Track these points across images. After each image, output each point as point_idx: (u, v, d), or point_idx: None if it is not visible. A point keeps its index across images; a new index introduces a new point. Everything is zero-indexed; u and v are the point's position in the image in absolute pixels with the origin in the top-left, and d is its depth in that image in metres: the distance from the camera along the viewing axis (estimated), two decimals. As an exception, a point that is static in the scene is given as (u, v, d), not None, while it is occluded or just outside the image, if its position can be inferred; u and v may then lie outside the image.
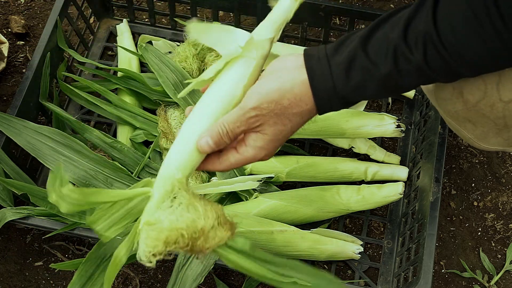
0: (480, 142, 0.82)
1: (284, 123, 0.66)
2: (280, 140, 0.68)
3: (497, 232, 1.10)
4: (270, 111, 0.65)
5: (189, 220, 0.59)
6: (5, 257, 1.07)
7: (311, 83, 0.65)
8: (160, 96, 1.11)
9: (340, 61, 0.64)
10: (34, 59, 1.06)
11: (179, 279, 0.88)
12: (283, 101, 0.65)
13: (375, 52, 0.63)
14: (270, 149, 0.68)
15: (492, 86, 0.70)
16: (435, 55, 0.60)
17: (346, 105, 0.68)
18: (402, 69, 0.63)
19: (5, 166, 0.97)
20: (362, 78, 0.64)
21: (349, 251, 1.00)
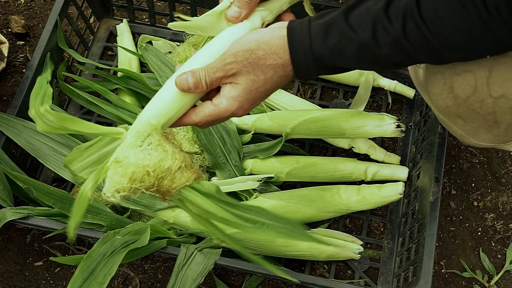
0: (470, 138, 0.82)
1: (256, 74, 0.68)
2: (252, 93, 0.69)
3: (497, 232, 1.10)
4: (244, 59, 0.67)
5: (156, 159, 0.60)
6: (5, 257, 1.07)
7: (288, 38, 0.67)
8: (160, 96, 1.11)
9: (320, 23, 0.67)
10: (34, 59, 1.06)
11: (179, 279, 0.88)
12: (258, 51, 0.67)
13: (355, 21, 0.65)
14: (242, 102, 0.69)
15: (482, 82, 0.71)
16: (414, 29, 0.61)
17: (322, 70, 0.69)
18: (380, 38, 0.64)
19: (5, 166, 0.97)
20: (339, 41, 0.66)
21: (349, 251, 1.00)
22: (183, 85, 0.67)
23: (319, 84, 1.22)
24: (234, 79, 0.68)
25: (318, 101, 1.20)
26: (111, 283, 1.04)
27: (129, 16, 1.27)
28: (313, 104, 1.15)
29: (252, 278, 1.03)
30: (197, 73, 0.67)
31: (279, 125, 1.06)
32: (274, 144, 1.07)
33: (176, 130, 1.07)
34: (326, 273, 1.05)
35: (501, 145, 0.83)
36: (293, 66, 0.68)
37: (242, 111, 0.70)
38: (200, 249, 0.92)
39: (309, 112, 1.06)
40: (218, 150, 1.05)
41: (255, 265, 0.92)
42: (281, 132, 1.06)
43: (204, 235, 0.97)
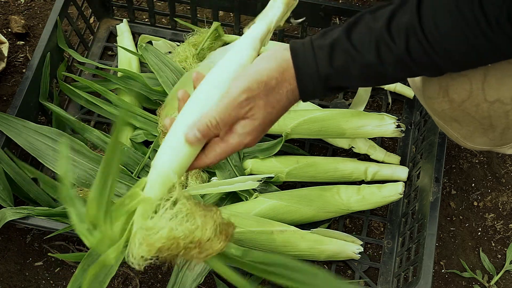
0: (466, 141, 0.82)
1: (273, 105, 0.66)
2: (267, 125, 0.67)
3: (497, 232, 1.10)
4: (260, 92, 0.64)
5: (187, 230, 0.57)
6: (5, 257, 1.07)
7: (294, 62, 0.65)
8: (160, 96, 1.11)
9: (324, 44, 0.65)
10: (34, 59, 1.06)
11: (179, 279, 0.88)
12: (271, 81, 0.65)
13: (358, 40, 0.64)
14: (256, 135, 0.67)
15: (478, 86, 0.71)
16: (417, 46, 0.61)
17: (329, 91, 0.68)
18: (384, 58, 0.63)
19: (5, 166, 0.97)
20: (344, 61, 0.65)
21: (349, 251, 1.00)
22: (191, 140, 0.64)
23: (319, 84, 1.22)
24: (250, 113, 0.65)
25: (318, 101, 1.20)
26: (111, 283, 1.04)
27: (129, 16, 1.27)
28: (313, 104, 1.15)
29: (252, 278, 1.03)
30: (204, 122, 0.63)
31: (279, 125, 1.05)
32: (274, 144, 1.07)
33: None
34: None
35: (497, 148, 0.83)
36: (299, 90, 0.67)
37: (254, 143, 0.68)
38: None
39: (309, 112, 1.06)
40: (218, 150, 1.05)
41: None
42: (281, 132, 1.06)
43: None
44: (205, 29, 1.18)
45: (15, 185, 0.99)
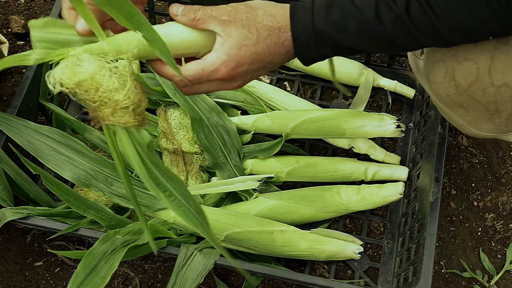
0: (471, 128, 0.81)
1: (250, 30, 0.65)
2: (242, 49, 0.65)
3: (497, 232, 1.10)
4: (243, 12, 0.65)
5: (111, 86, 0.59)
6: (5, 257, 1.07)
7: (291, 9, 0.66)
8: (160, 96, 1.11)
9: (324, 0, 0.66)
10: (34, 59, 1.06)
11: (179, 279, 0.88)
12: (258, 10, 0.66)
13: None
14: (230, 56, 0.65)
15: (484, 70, 0.70)
16: (418, 9, 0.61)
17: (322, 47, 0.67)
18: (383, 16, 0.63)
19: (5, 166, 0.97)
20: (341, 16, 0.65)
21: (349, 251, 1.00)
22: (173, 8, 0.65)
23: (319, 84, 1.22)
24: (226, 28, 0.65)
25: (318, 101, 1.20)
26: (111, 283, 1.04)
27: (129, 16, 1.27)
28: (313, 104, 1.15)
29: (252, 278, 1.03)
30: (189, 6, 0.65)
31: (279, 125, 1.06)
32: (274, 144, 1.07)
33: (176, 130, 1.07)
34: (326, 273, 1.05)
35: (502, 135, 0.82)
36: (293, 39, 0.66)
37: (228, 69, 0.66)
38: (200, 249, 0.92)
39: (309, 112, 1.06)
40: (218, 150, 1.05)
41: (255, 265, 0.92)
42: (281, 132, 1.06)
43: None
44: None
45: (15, 185, 0.99)
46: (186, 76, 0.66)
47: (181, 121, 1.07)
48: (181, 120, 1.08)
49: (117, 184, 0.99)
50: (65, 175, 0.97)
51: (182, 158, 1.06)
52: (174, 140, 1.06)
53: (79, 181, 0.97)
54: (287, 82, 1.24)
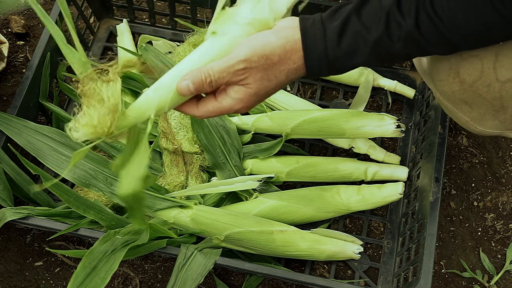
0: (476, 125, 0.81)
1: (269, 79, 0.66)
2: (261, 96, 0.68)
3: (497, 232, 1.10)
4: (259, 65, 0.65)
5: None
6: (5, 257, 1.07)
7: (303, 43, 0.66)
8: (160, 96, 1.11)
9: (334, 26, 0.66)
10: (34, 59, 1.06)
11: (179, 279, 0.88)
12: (273, 57, 0.65)
13: (368, 17, 0.64)
14: (249, 103, 0.68)
15: (489, 66, 0.70)
16: (427, 21, 0.61)
17: (334, 71, 0.68)
18: (393, 34, 0.63)
19: (5, 166, 0.97)
20: (354, 42, 0.65)
21: (349, 251, 1.00)
22: (183, 91, 0.65)
23: (319, 84, 1.22)
24: (245, 82, 0.66)
25: (318, 101, 1.20)
26: (111, 283, 1.04)
27: (129, 16, 1.27)
28: (313, 104, 1.15)
29: (252, 278, 1.03)
30: (199, 78, 0.65)
31: (279, 125, 1.06)
32: (274, 144, 1.07)
33: (176, 130, 1.07)
34: (326, 273, 1.05)
35: (507, 132, 0.82)
36: (306, 69, 0.67)
37: (246, 110, 0.69)
38: (200, 249, 0.92)
39: (309, 112, 1.06)
40: (218, 150, 1.05)
41: (255, 265, 0.92)
42: (281, 132, 1.06)
43: (204, 235, 0.97)
44: (205, 29, 1.18)
45: (15, 185, 0.99)
46: (203, 115, 0.69)
47: (181, 121, 1.07)
48: (181, 120, 1.08)
49: (117, 184, 0.99)
50: (65, 175, 0.97)
51: (182, 158, 1.06)
52: (174, 140, 1.06)
53: (79, 181, 0.97)
54: (287, 82, 1.24)
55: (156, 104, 0.65)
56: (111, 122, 0.61)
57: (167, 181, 1.03)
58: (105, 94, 0.61)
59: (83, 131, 0.61)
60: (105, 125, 0.61)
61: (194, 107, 0.69)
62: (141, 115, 0.65)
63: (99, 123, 0.61)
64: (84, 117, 0.61)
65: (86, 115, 0.61)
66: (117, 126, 0.62)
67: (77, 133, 0.61)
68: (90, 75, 0.62)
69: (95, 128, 0.61)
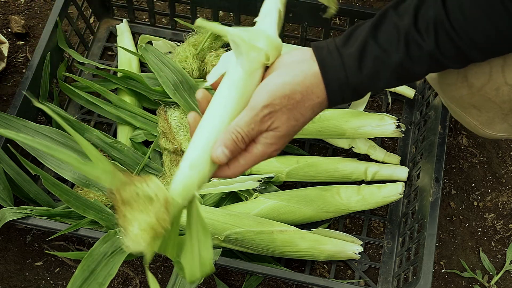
0: (485, 128, 0.80)
1: (296, 118, 0.64)
2: (291, 136, 0.66)
3: (497, 232, 1.10)
4: (283, 106, 0.62)
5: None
6: (5, 257, 1.07)
7: (323, 75, 0.63)
8: (160, 96, 1.11)
9: (352, 52, 0.63)
10: (34, 59, 1.06)
11: (179, 279, 0.88)
12: (295, 95, 0.62)
13: (386, 41, 0.62)
14: (280, 145, 0.65)
15: (497, 69, 0.70)
16: (447, 41, 0.60)
17: (357, 97, 0.67)
18: (414, 56, 0.62)
19: (5, 166, 0.97)
20: (374, 67, 0.63)
21: (349, 251, 1.00)
22: (221, 159, 0.62)
23: (319, 84, 1.22)
24: (273, 126, 0.63)
25: (318, 101, 1.20)
26: (111, 283, 1.04)
27: (129, 16, 1.27)
28: (313, 104, 1.15)
29: (252, 278, 1.03)
30: (230, 139, 0.61)
31: (279, 125, 1.06)
32: (274, 144, 1.07)
33: (176, 130, 1.07)
34: (326, 273, 1.05)
35: None
36: (329, 101, 0.65)
37: (277, 152, 0.66)
38: (200, 249, 0.92)
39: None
40: (218, 150, 1.05)
41: (255, 265, 0.92)
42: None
43: (204, 235, 0.97)
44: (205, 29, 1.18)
45: (15, 185, 0.99)
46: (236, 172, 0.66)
47: (181, 121, 1.07)
48: (181, 120, 1.08)
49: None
50: (65, 175, 0.97)
51: (182, 158, 1.06)
52: (174, 140, 1.06)
53: (79, 181, 0.97)
54: (287, 82, 1.24)
55: (197, 181, 0.62)
56: (168, 215, 0.57)
57: (167, 181, 1.03)
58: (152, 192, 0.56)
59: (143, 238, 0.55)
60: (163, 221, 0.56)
61: (226, 169, 0.65)
62: (187, 196, 0.62)
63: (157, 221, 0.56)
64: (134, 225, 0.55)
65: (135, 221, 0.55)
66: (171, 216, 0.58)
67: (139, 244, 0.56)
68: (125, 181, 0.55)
69: (153, 229, 0.56)
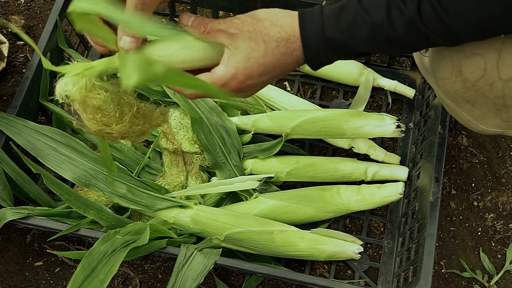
0: (479, 124, 0.81)
1: (257, 42, 0.65)
2: (250, 62, 0.66)
3: (497, 232, 1.10)
4: (250, 24, 0.65)
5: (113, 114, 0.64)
6: (5, 257, 1.07)
7: (300, 18, 0.66)
8: (160, 96, 1.11)
9: (333, 7, 0.65)
10: (34, 59, 1.06)
11: (179, 279, 0.88)
12: (264, 21, 0.66)
13: (369, 3, 0.64)
14: (239, 70, 0.66)
15: (492, 64, 0.70)
16: (430, 10, 0.61)
17: (333, 53, 0.67)
18: (394, 20, 0.63)
19: (5, 166, 0.97)
20: (352, 22, 0.64)
21: (349, 251, 1.00)
22: (183, 19, 0.66)
23: (319, 84, 1.22)
24: (234, 41, 0.65)
25: (318, 101, 1.20)
26: (111, 283, 1.04)
27: (129, 16, 1.27)
28: (313, 104, 1.15)
29: (252, 278, 1.03)
30: (200, 17, 0.66)
31: (279, 125, 1.06)
32: (274, 144, 1.07)
33: (176, 130, 1.07)
34: (326, 273, 1.05)
35: (510, 131, 0.82)
36: (303, 48, 0.66)
37: (237, 83, 0.66)
38: (200, 249, 0.92)
39: (309, 112, 1.06)
40: (218, 150, 1.05)
41: (255, 265, 0.92)
42: (281, 132, 1.06)
43: (204, 235, 0.97)
44: (205, 29, 1.18)
45: (15, 185, 0.99)
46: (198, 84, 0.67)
47: (181, 121, 1.08)
48: (181, 120, 1.08)
49: (117, 184, 0.99)
50: (65, 175, 0.97)
51: (182, 158, 1.06)
52: (174, 140, 1.06)
53: (79, 181, 0.97)
54: (287, 82, 1.24)
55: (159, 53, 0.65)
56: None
57: (167, 181, 1.03)
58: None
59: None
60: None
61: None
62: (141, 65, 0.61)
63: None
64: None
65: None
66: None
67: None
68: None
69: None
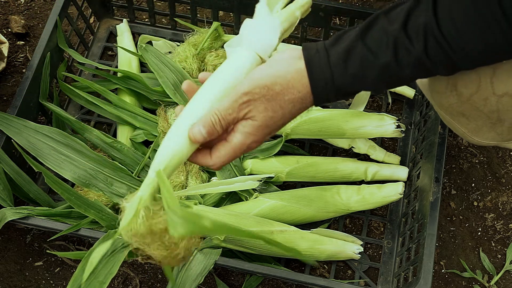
0: (473, 136, 0.81)
1: (274, 110, 0.65)
2: (270, 127, 0.67)
3: (497, 232, 1.10)
4: (261, 96, 0.64)
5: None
6: (5, 257, 1.07)
7: (308, 72, 0.65)
8: (160, 96, 1.11)
9: (339, 51, 0.64)
10: (34, 59, 1.06)
11: (179, 279, 0.88)
12: (275, 86, 0.64)
13: (374, 43, 0.63)
14: (259, 136, 0.66)
15: (486, 80, 0.70)
16: (436, 47, 0.61)
17: (342, 96, 0.68)
18: (402, 60, 0.62)
19: (5, 166, 0.97)
20: (360, 67, 0.64)
21: (349, 251, 1.00)
22: (197, 138, 0.64)
23: (319, 84, 1.22)
24: (250, 115, 0.65)
25: (318, 101, 1.20)
26: (111, 283, 1.04)
27: (129, 16, 1.27)
28: (313, 104, 1.15)
29: (252, 278, 1.03)
30: (208, 120, 0.64)
31: (279, 125, 1.06)
32: (274, 144, 1.07)
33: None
34: (326, 273, 1.05)
35: (504, 143, 0.82)
36: (313, 98, 0.66)
37: (257, 144, 0.67)
38: (200, 249, 0.92)
39: (309, 112, 1.06)
40: (218, 150, 1.05)
41: (255, 265, 0.92)
42: (281, 132, 1.06)
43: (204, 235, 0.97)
44: (205, 29, 1.18)
45: (15, 185, 0.99)
46: (217, 162, 0.68)
47: (181, 121, 1.07)
48: (181, 120, 1.08)
49: (117, 184, 0.99)
50: (65, 175, 0.97)
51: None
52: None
53: (79, 181, 0.97)
54: (287, 82, 1.24)
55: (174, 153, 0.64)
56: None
57: (167, 181, 1.03)
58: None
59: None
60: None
61: (208, 157, 0.68)
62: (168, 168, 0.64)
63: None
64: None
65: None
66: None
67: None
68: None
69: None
